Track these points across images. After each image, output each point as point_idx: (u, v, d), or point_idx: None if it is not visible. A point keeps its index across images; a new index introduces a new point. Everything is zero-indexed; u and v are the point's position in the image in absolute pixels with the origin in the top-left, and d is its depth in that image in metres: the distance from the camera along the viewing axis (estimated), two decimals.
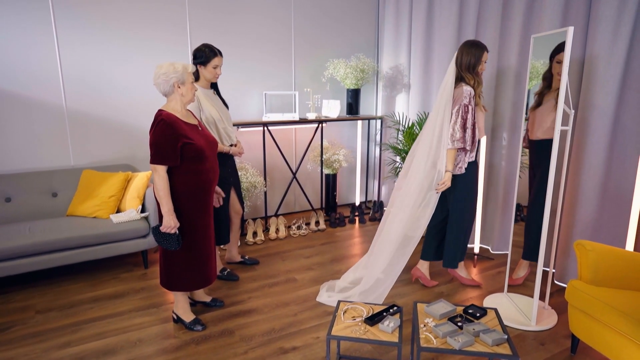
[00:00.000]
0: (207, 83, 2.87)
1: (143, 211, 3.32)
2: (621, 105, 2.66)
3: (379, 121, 4.71)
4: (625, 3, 2.54)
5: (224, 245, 3.19)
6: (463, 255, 3.00)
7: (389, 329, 1.94)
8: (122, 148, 3.70)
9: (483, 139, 3.31)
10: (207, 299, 2.75)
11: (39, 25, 3.24)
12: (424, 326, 1.99)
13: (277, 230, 4.10)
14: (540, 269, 2.46)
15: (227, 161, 2.99)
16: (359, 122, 4.72)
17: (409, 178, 2.89)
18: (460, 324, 1.97)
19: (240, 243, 3.76)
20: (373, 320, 2.01)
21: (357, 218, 4.50)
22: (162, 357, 2.27)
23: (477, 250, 3.54)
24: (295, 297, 2.89)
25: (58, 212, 3.28)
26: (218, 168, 2.49)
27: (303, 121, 4.17)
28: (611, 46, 2.62)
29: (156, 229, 2.29)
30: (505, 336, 1.87)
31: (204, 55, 2.75)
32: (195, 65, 2.78)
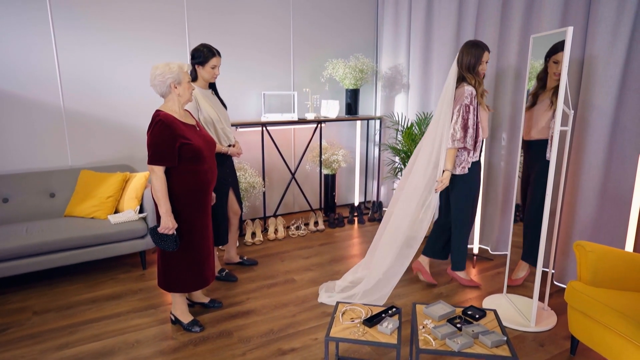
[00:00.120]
0: (206, 83, 2.85)
1: (141, 212, 3.31)
2: (621, 105, 2.65)
3: (378, 121, 4.70)
4: (624, 3, 2.54)
5: (223, 246, 3.19)
6: (464, 255, 3.00)
7: (388, 331, 1.94)
8: (121, 148, 3.69)
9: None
10: (206, 300, 2.74)
11: (37, 25, 3.23)
12: (423, 328, 1.98)
13: (276, 230, 4.09)
14: (539, 270, 2.45)
15: (226, 161, 2.98)
16: (358, 123, 4.72)
17: (412, 178, 2.89)
18: (459, 326, 1.97)
19: (238, 244, 3.75)
20: (372, 321, 2.00)
21: (356, 218, 4.49)
22: (160, 359, 2.26)
23: (476, 250, 3.54)
24: (294, 298, 2.88)
25: (56, 213, 3.27)
26: (216, 168, 2.48)
27: (302, 121, 4.17)
28: (610, 46, 2.61)
29: (154, 230, 2.27)
30: (504, 338, 1.86)
31: (202, 55, 2.74)
32: (193, 65, 2.78)
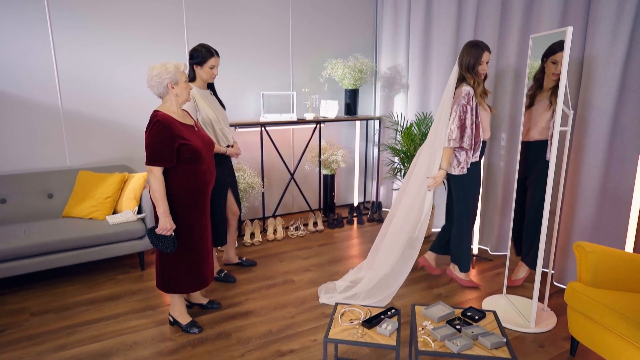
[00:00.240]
0: (204, 83, 2.84)
1: (140, 212, 3.30)
2: (620, 105, 2.64)
3: (377, 121, 4.69)
4: (624, 3, 2.53)
5: (221, 246, 3.17)
6: (467, 256, 3.01)
7: (387, 332, 1.93)
8: (119, 148, 3.68)
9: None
10: (204, 301, 2.73)
11: (35, 26, 3.22)
12: (422, 329, 1.97)
13: (275, 231, 4.08)
14: (539, 271, 2.45)
15: (224, 162, 2.97)
16: (357, 123, 4.71)
17: (413, 179, 2.91)
18: (458, 327, 1.96)
19: (237, 244, 3.74)
20: (371, 323, 2.00)
21: (356, 219, 4.48)
22: None
23: (476, 251, 3.53)
24: (293, 299, 2.87)
25: (54, 214, 3.26)
26: (215, 169, 2.47)
27: (301, 122, 4.15)
28: (610, 46, 2.61)
29: (151, 231, 2.26)
30: (504, 339, 1.86)
31: (201, 55, 2.73)
32: (191, 65, 2.77)
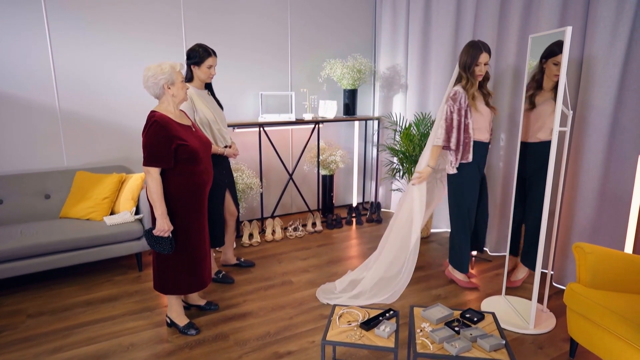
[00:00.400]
0: (202, 83, 2.83)
1: (137, 213, 3.28)
2: (620, 105, 2.63)
3: (376, 122, 4.68)
4: (623, 3, 2.52)
5: (219, 247, 3.16)
6: (465, 257, 2.99)
7: (385, 334, 1.92)
8: (116, 149, 3.66)
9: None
10: (202, 303, 2.72)
11: (32, 26, 3.20)
12: (421, 331, 1.96)
13: (273, 231, 4.06)
14: (538, 271, 2.43)
15: (222, 162, 2.96)
16: (356, 123, 4.69)
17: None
18: (457, 329, 1.95)
19: (235, 245, 3.72)
20: (369, 324, 1.98)
21: (354, 219, 4.47)
22: None
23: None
24: (291, 300, 2.85)
25: (51, 214, 3.24)
26: (212, 170, 2.46)
27: (299, 122, 4.14)
28: (609, 47, 2.60)
29: (149, 232, 2.25)
30: (503, 341, 1.85)
31: (198, 55, 2.72)
32: (189, 65, 2.75)
